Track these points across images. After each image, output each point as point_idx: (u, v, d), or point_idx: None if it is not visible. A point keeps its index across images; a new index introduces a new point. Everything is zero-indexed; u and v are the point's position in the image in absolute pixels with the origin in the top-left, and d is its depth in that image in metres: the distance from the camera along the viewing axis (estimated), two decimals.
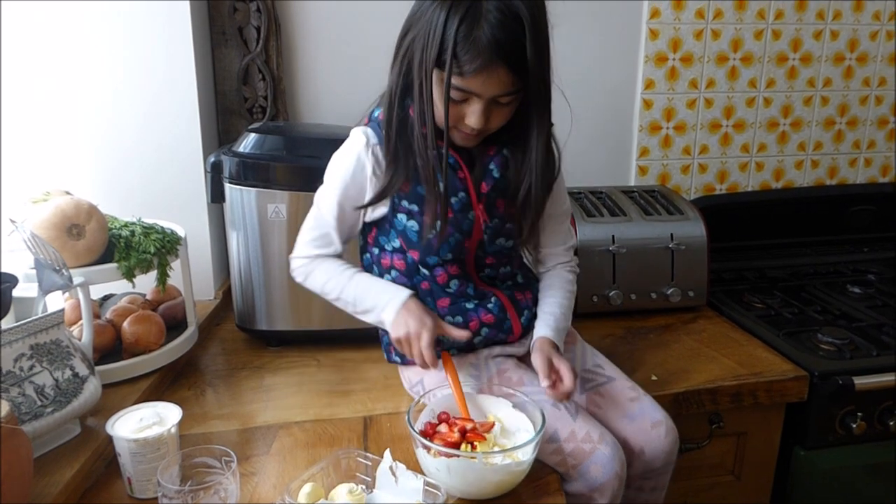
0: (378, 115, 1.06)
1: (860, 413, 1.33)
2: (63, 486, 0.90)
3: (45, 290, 1.03)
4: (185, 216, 1.40)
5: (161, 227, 1.24)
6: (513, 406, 1.01)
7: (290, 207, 1.28)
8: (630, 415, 1.08)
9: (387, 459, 0.91)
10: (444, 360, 1.06)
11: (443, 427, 0.97)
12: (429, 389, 1.07)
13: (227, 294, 1.53)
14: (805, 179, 2.01)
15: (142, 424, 0.93)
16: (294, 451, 1.04)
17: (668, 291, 1.52)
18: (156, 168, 1.43)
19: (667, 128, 1.87)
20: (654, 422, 1.07)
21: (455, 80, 0.92)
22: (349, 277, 1.07)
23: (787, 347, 1.39)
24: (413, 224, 1.06)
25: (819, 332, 1.43)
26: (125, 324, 1.19)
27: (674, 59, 1.81)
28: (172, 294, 1.34)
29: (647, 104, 1.84)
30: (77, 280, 1.06)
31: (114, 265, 1.13)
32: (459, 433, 0.95)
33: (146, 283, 1.25)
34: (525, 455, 0.92)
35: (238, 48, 1.56)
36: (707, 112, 1.88)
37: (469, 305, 1.11)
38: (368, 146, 1.05)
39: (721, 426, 1.31)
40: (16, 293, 1.02)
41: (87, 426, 1.04)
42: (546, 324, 1.10)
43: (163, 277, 1.21)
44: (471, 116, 0.96)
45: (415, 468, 0.92)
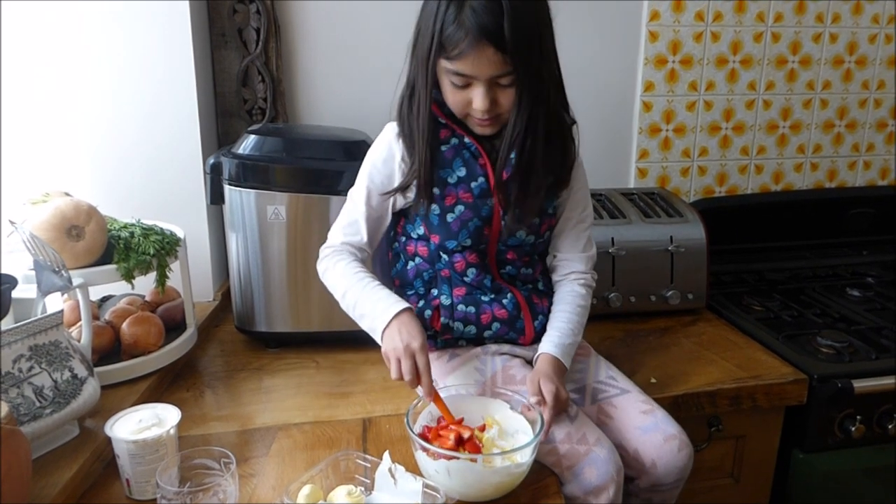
0: None
1: (859, 416, 1.33)
2: (62, 488, 0.90)
3: (45, 292, 1.03)
4: (185, 217, 1.40)
5: (160, 229, 1.24)
6: (510, 408, 1.01)
7: (290, 209, 1.28)
8: (643, 427, 1.07)
9: (386, 461, 0.91)
10: (434, 398, 1.01)
11: (442, 432, 0.97)
12: (434, 378, 1.07)
13: (227, 296, 1.53)
14: (804, 182, 2.01)
15: (141, 426, 0.93)
16: (293, 453, 1.04)
17: (668, 294, 1.52)
18: (155, 169, 1.43)
19: (666, 130, 1.87)
20: (668, 436, 1.06)
21: (448, 64, 0.99)
22: (358, 280, 1.08)
23: (787, 350, 1.39)
24: (434, 207, 1.09)
25: (818, 336, 1.43)
26: (124, 325, 1.19)
27: (673, 62, 1.82)
28: (171, 295, 1.34)
29: (647, 106, 1.84)
30: (76, 281, 1.06)
31: (113, 266, 1.13)
32: (455, 440, 0.95)
33: (145, 285, 1.25)
34: (524, 457, 0.92)
35: (238, 50, 1.57)
36: (706, 114, 1.88)
37: (484, 298, 1.13)
38: (399, 136, 1.09)
39: (720, 429, 1.31)
40: (15, 294, 1.02)
41: (86, 427, 1.04)
42: (550, 340, 1.10)
43: (162, 279, 1.21)
44: (475, 100, 1.01)
45: (414, 470, 0.92)
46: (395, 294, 1.06)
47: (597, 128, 1.83)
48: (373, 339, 1.06)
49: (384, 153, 1.11)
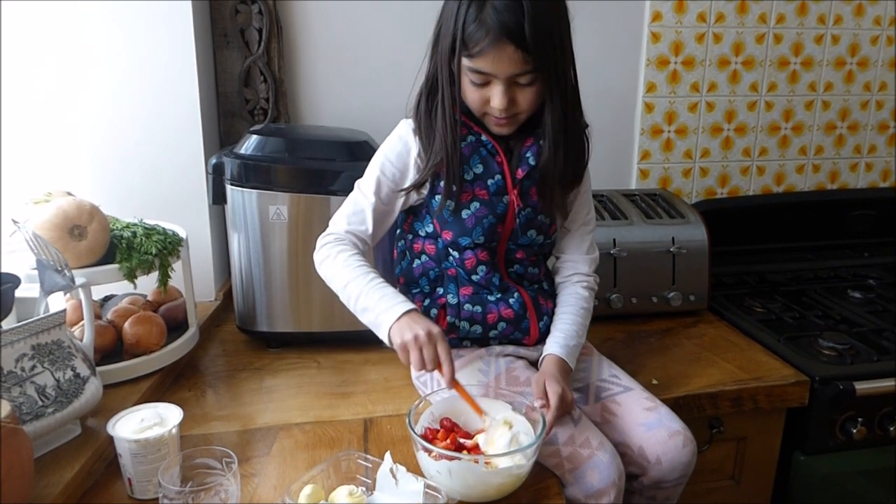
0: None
1: (860, 418, 1.33)
2: (63, 487, 0.90)
3: (47, 291, 1.03)
4: (187, 217, 1.40)
5: (162, 229, 1.24)
6: (513, 409, 1.01)
7: (292, 209, 1.28)
8: (647, 424, 1.07)
9: (387, 461, 0.91)
10: (455, 385, 1.01)
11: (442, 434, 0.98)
12: (436, 380, 1.08)
13: (228, 295, 1.53)
14: (806, 184, 2.01)
15: (143, 425, 0.93)
16: (294, 453, 1.04)
17: (669, 295, 1.52)
18: (157, 169, 1.44)
19: (668, 131, 1.87)
20: (672, 432, 1.06)
21: (468, 62, 0.99)
22: (363, 273, 1.05)
23: (788, 352, 1.39)
24: (450, 203, 1.09)
25: (820, 337, 1.43)
26: (126, 325, 1.20)
27: (675, 63, 1.82)
28: (173, 295, 1.34)
29: (649, 107, 1.84)
30: (79, 281, 1.07)
31: (115, 266, 1.13)
32: (452, 444, 0.95)
33: (147, 284, 1.25)
34: (525, 459, 0.92)
35: (240, 50, 1.57)
36: (708, 116, 1.88)
37: (491, 297, 1.13)
38: (415, 133, 1.10)
39: (721, 431, 1.30)
40: (18, 294, 1.02)
41: (88, 426, 1.04)
42: (556, 341, 1.10)
43: (164, 278, 1.21)
44: (494, 98, 1.01)
45: (415, 470, 0.92)
46: (403, 296, 1.04)
47: (598, 129, 1.80)
48: (375, 340, 1.05)
49: (399, 147, 1.11)
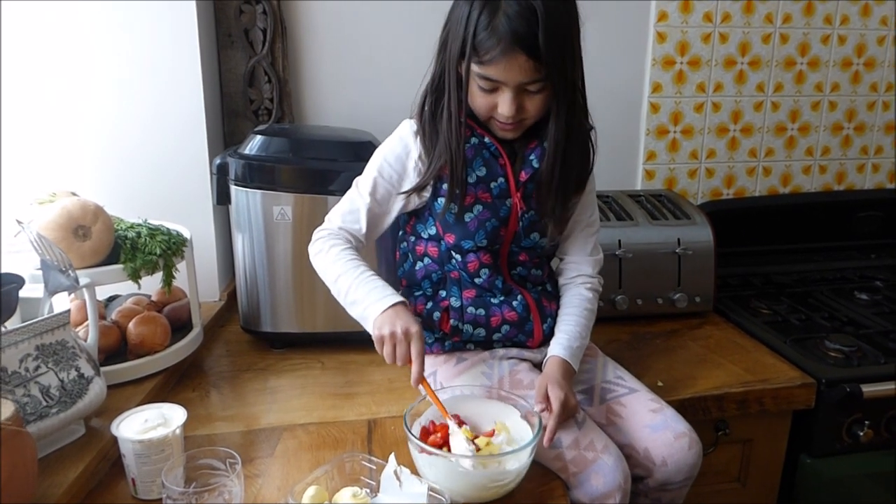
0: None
1: (867, 421, 1.32)
2: (67, 487, 0.90)
3: (51, 291, 1.03)
4: (191, 218, 1.40)
5: (167, 229, 1.24)
6: (521, 416, 1.00)
7: (296, 209, 1.28)
8: (652, 425, 1.06)
9: (391, 464, 0.91)
10: (422, 382, 1.01)
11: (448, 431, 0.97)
12: (440, 381, 1.08)
13: (232, 296, 1.53)
14: (812, 185, 2.00)
15: (146, 425, 0.93)
16: (298, 454, 1.04)
17: (675, 297, 1.51)
18: (161, 169, 1.44)
19: (674, 132, 1.86)
20: (678, 433, 1.05)
21: (478, 69, 0.97)
22: (354, 267, 1.06)
23: (795, 354, 1.38)
24: (453, 206, 1.08)
25: (826, 339, 1.42)
26: (130, 325, 1.19)
27: (681, 63, 1.81)
28: (178, 295, 1.34)
29: (655, 108, 1.83)
30: (83, 281, 1.07)
31: (119, 266, 1.13)
32: (442, 439, 0.96)
33: (151, 285, 1.25)
34: (512, 463, 0.91)
35: (244, 50, 1.57)
36: (714, 116, 1.87)
37: (494, 300, 1.12)
38: (417, 133, 1.09)
39: (727, 433, 1.30)
40: (22, 294, 1.02)
41: (92, 427, 1.03)
42: (559, 343, 1.09)
43: (168, 279, 1.21)
44: (502, 105, 1.00)
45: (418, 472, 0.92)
46: (392, 289, 1.04)
47: (604, 129, 1.79)
48: None
49: (398, 149, 1.10)
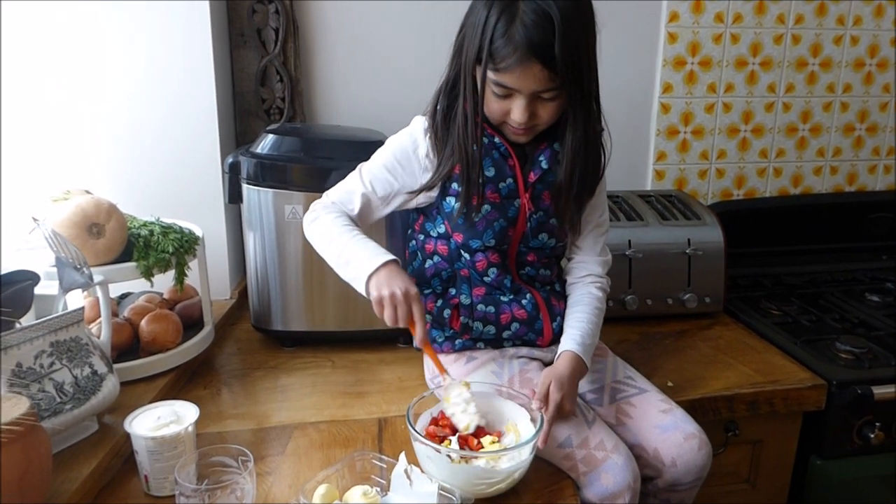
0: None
1: (878, 423, 1.31)
2: (80, 483, 0.91)
3: (66, 288, 1.04)
4: (203, 216, 1.41)
5: (179, 227, 1.25)
6: (530, 419, 1.00)
7: (307, 208, 1.28)
8: (662, 426, 1.06)
9: (401, 462, 0.91)
10: (425, 345, 1.02)
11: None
12: (449, 380, 1.07)
13: (244, 294, 1.54)
14: (824, 186, 1.99)
15: (159, 422, 0.94)
16: (309, 452, 1.05)
17: (685, 297, 1.51)
18: (174, 168, 1.44)
19: (684, 132, 1.86)
20: (688, 434, 1.05)
21: (493, 75, 0.97)
22: (347, 231, 1.06)
23: (805, 355, 1.37)
24: (458, 204, 1.08)
25: (837, 341, 1.42)
26: (143, 322, 1.20)
27: (692, 63, 1.81)
28: (189, 293, 1.35)
29: (665, 108, 1.83)
30: (97, 278, 1.07)
31: (132, 264, 1.14)
32: (445, 431, 0.97)
33: (164, 283, 1.26)
34: (504, 462, 0.91)
35: (256, 49, 1.57)
36: (725, 117, 1.87)
37: (504, 298, 1.13)
38: (427, 131, 1.09)
39: (737, 434, 1.30)
40: (37, 291, 1.03)
41: (105, 423, 1.04)
42: (572, 338, 1.08)
43: (180, 277, 1.21)
44: (515, 112, 1.00)
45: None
46: (385, 249, 1.03)
47: (614, 129, 1.79)
48: (389, 339, 1.06)
49: (407, 144, 1.10)
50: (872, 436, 1.31)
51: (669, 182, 1.89)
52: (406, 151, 1.10)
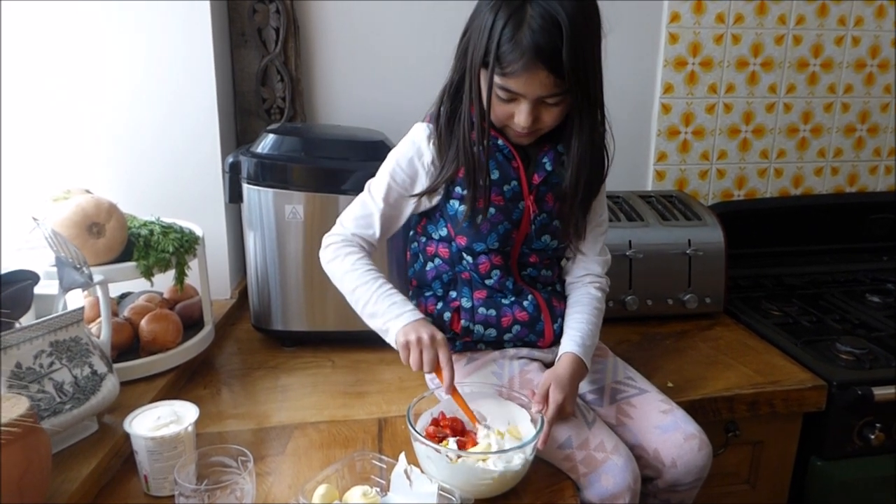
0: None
1: (879, 424, 1.31)
2: (80, 483, 0.91)
3: (66, 288, 1.04)
4: (203, 216, 1.41)
5: (179, 227, 1.25)
6: (531, 420, 1.00)
7: (308, 208, 1.28)
8: (662, 426, 1.06)
9: (402, 463, 0.91)
10: (453, 392, 1.01)
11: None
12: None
13: (244, 294, 1.54)
14: (824, 186, 1.99)
15: (159, 422, 0.94)
16: (309, 452, 1.05)
17: (685, 297, 1.51)
18: (174, 168, 1.44)
19: (685, 132, 1.86)
20: (688, 435, 1.05)
21: (498, 80, 0.96)
22: (374, 279, 1.06)
23: (806, 356, 1.37)
24: (464, 208, 1.08)
25: (838, 342, 1.42)
26: (143, 322, 1.20)
27: (693, 64, 1.80)
28: (189, 293, 1.35)
29: (666, 108, 1.83)
30: (97, 278, 1.07)
31: (133, 264, 1.14)
32: (445, 431, 0.97)
33: (164, 282, 1.26)
34: (499, 464, 0.91)
35: (257, 49, 1.57)
36: (726, 117, 1.87)
37: (505, 301, 1.12)
38: (430, 138, 1.08)
39: (737, 434, 1.29)
40: (37, 290, 1.03)
41: (105, 423, 1.04)
42: (573, 339, 1.08)
43: (180, 276, 1.21)
44: (519, 115, 0.99)
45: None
46: (412, 305, 1.04)
47: (615, 129, 1.79)
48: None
49: (410, 153, 1.09)
50: (873, 437, 1.31)
51: (670, 182, 1.89)
52: (411, 161, 1.09)
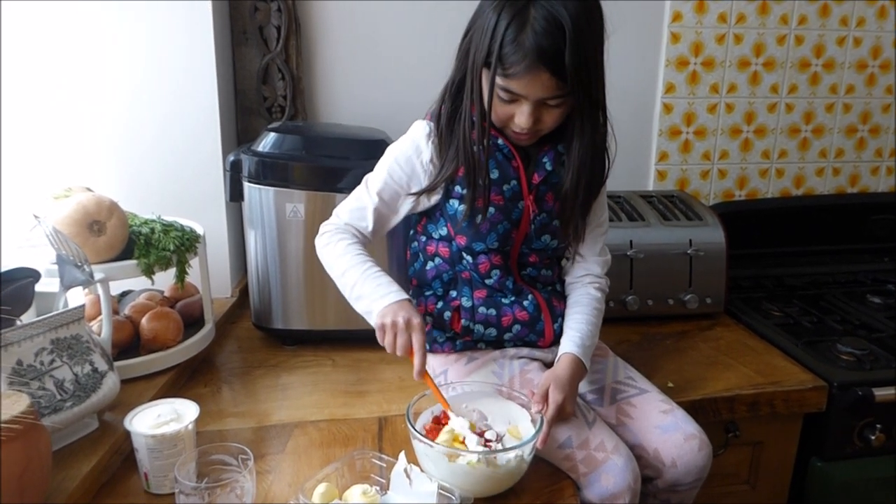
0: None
1: (879, 425, 1.31)
2: (80, 480, 0.91)
3: (67, 286, 1.04)
4: (204, 214, 1.41)
5: (180, 225, 1.25)
6: (531, 420, 1.00)
7: (308, 207, 1.28)
8: (662, 426, 1.06)
9: (401, 462, 0.91)
10: (425, 376, 1.01)
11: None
12: (450, 381, 1.08)
13: (245, 292, 1.54)
14: (826, 187, 1.99)
15: (159, 420, 0.94)
16: (309, 451, 1.05)
17: (686, 298, 1.51)
18: (175, 166, 1.44)
19: (687, 132, 1.86)
20: (688, 435, 1.05)
21: (500, 81, 0.96)
22: (362, 262, 1.06)
23: (806, 357, 1.37)
24: (464, 208, 1.08)
25: (838, 342, 1.42)
26: (143, 320, 1.20)
27: (695, 64, 1.80)
28: (190, 291, 1.35)
29: (668, 108, 1.82)
30: (97, 276, 1.07)
31: (133, 262, 1.14)
32: (440, 428, 0.97)
33: (165, 280, 1.26)
34: (504, 463, 0.91)
35: (258, 47, 1.57)
36: (728, 117, 1.87)
37: (505, 300, 1.12)
38: (430, 136, 1.08)
39: (737, 435, 1.29)
40: (38, 288, 1.03)
41: (105, 421, 1.04)
42: (572, 340, 1.08)
43: (181, 275, 1.21)
44: (519, 116, 0.99)
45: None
46: (399, 286, 1.04)
47: (616, 129, 1.80)
48: None
49: (409, 151, 1.09)
50: (873, 438, 1.31)
51: (671, 182, 1.89)
52: (409, 159, 1.09)
